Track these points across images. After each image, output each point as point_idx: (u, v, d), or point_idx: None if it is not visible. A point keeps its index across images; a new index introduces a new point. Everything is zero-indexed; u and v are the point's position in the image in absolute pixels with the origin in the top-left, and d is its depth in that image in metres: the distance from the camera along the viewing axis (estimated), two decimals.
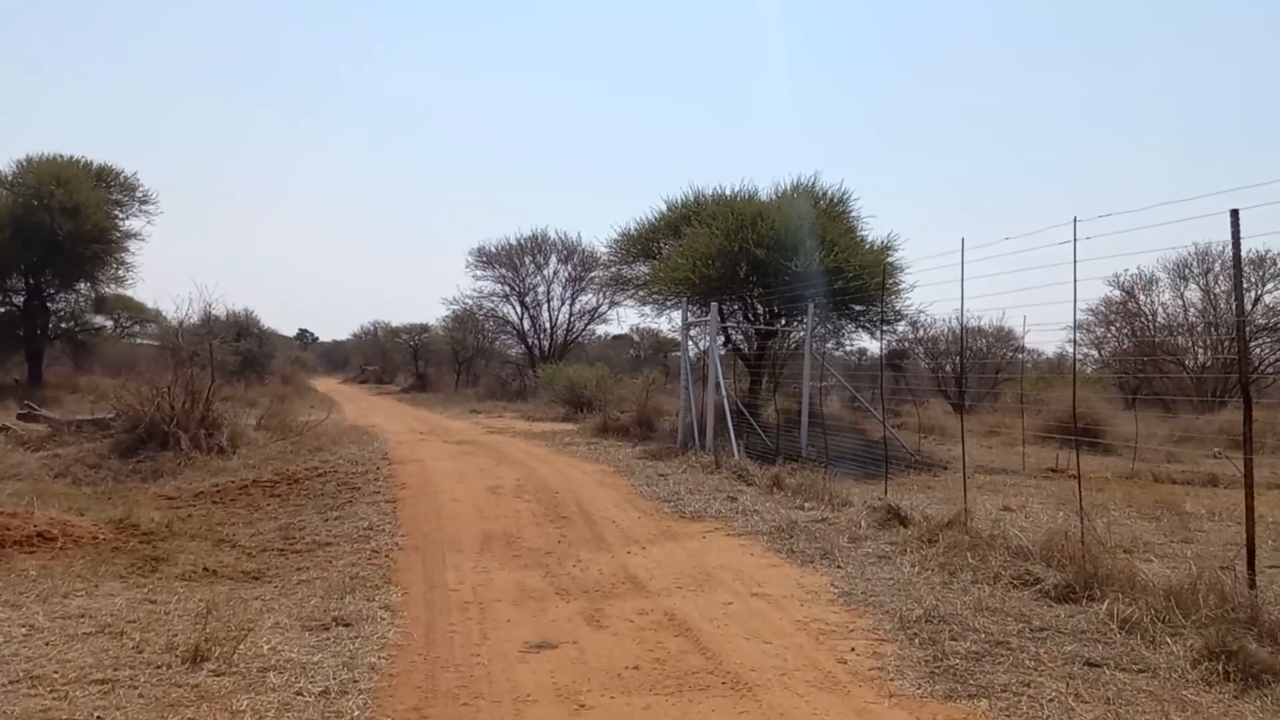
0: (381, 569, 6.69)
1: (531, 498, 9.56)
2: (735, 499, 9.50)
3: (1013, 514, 9.07)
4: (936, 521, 7.19)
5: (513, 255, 37.45)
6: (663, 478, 11.17)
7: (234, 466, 11.85)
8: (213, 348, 13.14)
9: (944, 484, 12.05)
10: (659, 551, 7.27)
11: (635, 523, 8.41)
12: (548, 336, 38.01)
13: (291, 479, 11.17)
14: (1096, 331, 33.01)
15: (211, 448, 12.32)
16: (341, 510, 9.06)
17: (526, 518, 8.57)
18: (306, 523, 8.52)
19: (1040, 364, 31.52)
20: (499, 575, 6.53)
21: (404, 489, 10.17)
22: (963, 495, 7.77)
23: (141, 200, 25.75)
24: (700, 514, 8.80)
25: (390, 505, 9.22)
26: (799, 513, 8.73)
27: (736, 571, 6.55)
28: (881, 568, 6.52)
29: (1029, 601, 5.42)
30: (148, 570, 6.54)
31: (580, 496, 9.66)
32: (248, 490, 10.54)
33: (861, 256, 14.93)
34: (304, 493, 10.21)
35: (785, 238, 14.55)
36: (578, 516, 8.63)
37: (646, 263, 18.48)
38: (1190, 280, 29.88)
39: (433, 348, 47.62)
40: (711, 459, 12.08)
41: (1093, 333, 33.07)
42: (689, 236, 15.59)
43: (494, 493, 9.85)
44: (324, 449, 13.41)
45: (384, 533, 7.99)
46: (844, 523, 7.96)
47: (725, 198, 16.72)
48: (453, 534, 7.94)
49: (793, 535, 7.67)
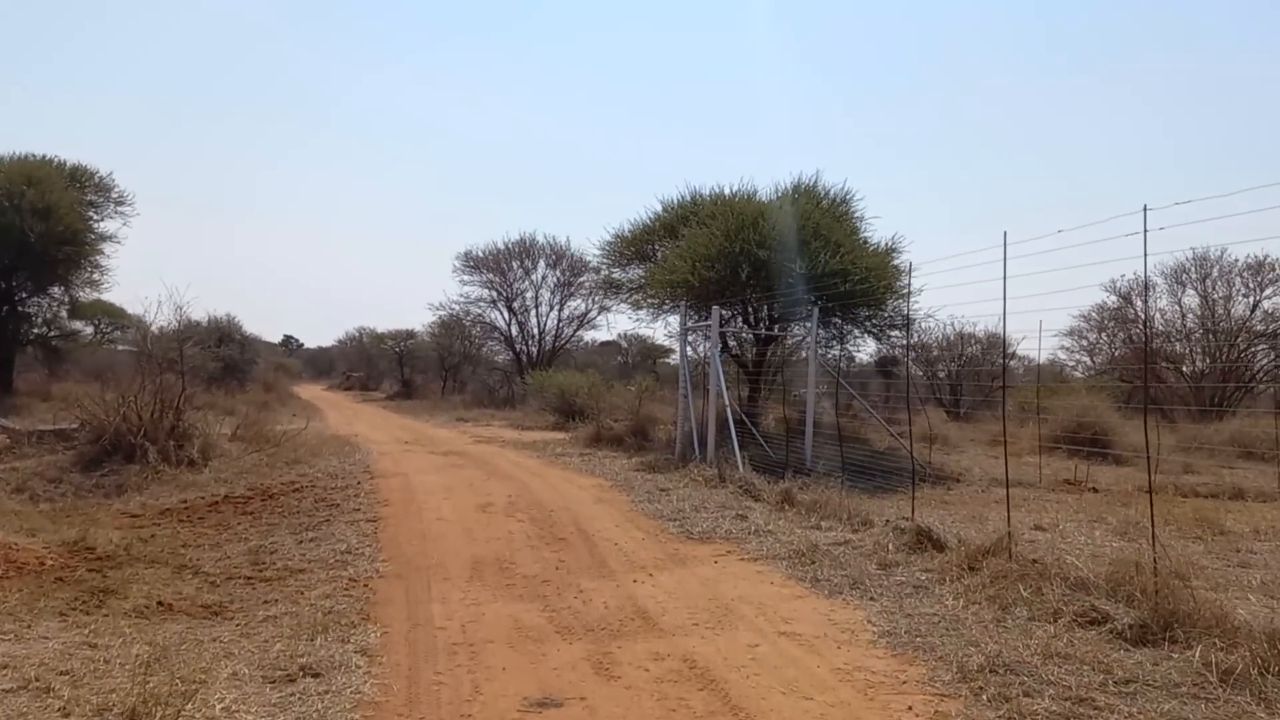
0: (359, 601, 5.95)
1: (525, 516, 8.83)
2: (745, 517, 8.79)
3: (1047, 535, 8.40)
4: (976, 546, 6.49)
5: (500, 260, 36.74)
6: (664, 493, 10.46)
7: (205, 481, 11.08)
8: (184, 353, 12.25)
9: (961, 498, 11.39)
10: (668, 580, 6.56)
11: (639, 545, 7.69)
12: (536, 342, 37.28)
13: (266, 494, 10.41)
14: (1089, 338, 32.60)
15: (181, 460, 11.54)
16: (318, 530, 8.31)
17: (520, 539, 7.83)
18: (279, 545, 7.77)
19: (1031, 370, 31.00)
20: (491, 609, 5.80)
21: (386, 506, 9.42)
22: (1006, 517, 7.07)
23: (117, 201, 24.87)
24: (709, 535, 8.09)
25: (371, 525, 8.47)
26: (816, 533, 8.03)
27: (758, 604, 5.84)
28: (921, 600, 5.82)
29: (1102, 645, 4.73)
30: (93, 605, 5.78)
31: (578, 514, 8.93)
32: (218, 507, 9.78)
33: (867, 259, 14.27)
34: (278, 510, 9.46)
35: (788, 238, 13.88)
36: (576, 538, 7.91)
37: (641, 265, 17.79)
38: (1188, 285, 29.53)
39: (419, 354, 46.89)
40: (715, 472, 11.38)
41: (1085, 339, 32.67)
42: (687, 237, 14.91)
43: (484, 511, 9.11)
44: (302, 461, 12.64)
45: (363, 557, 7.24)
46: (869, 546, 7.26)
47: (724, 197, 16.05)
48: (439, 558, 7.20)
49: (814, 560, 6.96)
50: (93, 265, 24.17)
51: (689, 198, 16.91)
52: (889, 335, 15.18)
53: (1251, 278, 27.75)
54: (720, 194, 16.60)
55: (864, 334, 15.23)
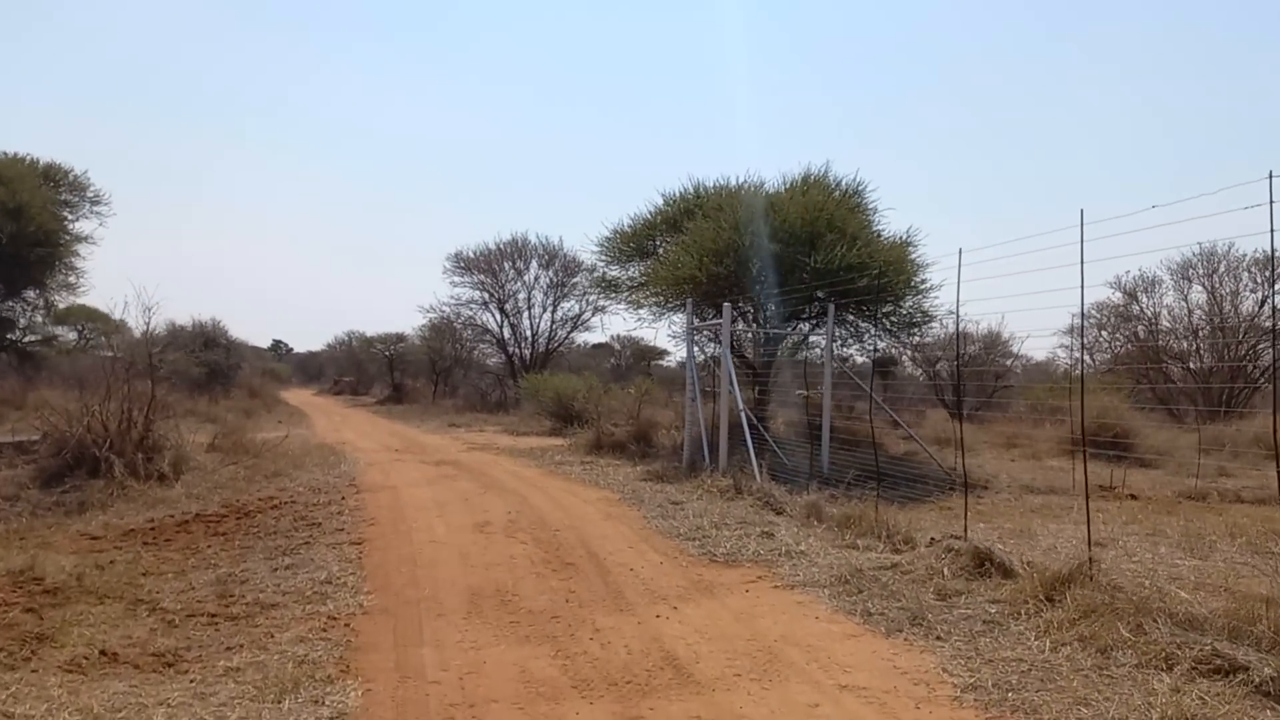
0: (338, 646, 5.07)
1: (527, 537, 7.94)
2: (771, 535, 7.93)
3: (1107, 551, 7.56)
4: (1052, 572, 5.63)
5: (492, 261, 35.85)
6: (677, 506, 9.59)
7: (175, 497, 10.17)
8: (155, 357, 11.34)
9: (995, 508, 10.54)
10: (697, 614, 5.69)
11: (658, 570, 6.81)
12: (529, 345, 36.39)
13: (241, 512, 9.52)
14: (1089, 336, 31.89)
15: (150, 474, 10.62)
16: (296, 555, 7.42)
17: (524, 565, 6.95)
18: (251, 573, 6.87)
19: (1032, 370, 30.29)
20: (494, 654, 4.93)
21: (373, 525, 8.53)
22: (1086, 537, 6.20)
23: (93, 200, 23.90)
24: (735, 557, 7.22)
25: (356, 548, 7.57)
26: (855, 554, 7.17)
27: (807, 647, 4.98)
28: (999, 641, 4.96)
29: (1242, 704, 3.88)
30: (21, 658, 4.88)
31: (586, 534, 8.05)
32: (188, 527, 8.88)
33: (884, 252, 13.44)
34: (254, 530, 8.56)
35: (801, 231, 13.04)
36: (586, 562, 7.03)
37: (641, 263, 16.91)
38: (1194, 281, 28.90)
39: (409, 358, 45.97)
40: (729, 482, 10.51)
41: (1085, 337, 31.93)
42: (693, 230, 14.04)
43: (482, 531, 8.21)
44: (283, 474, 11.72)
45: (345, 588, 6.35)
46: (921, 570, 6.40)
47: (730, 189, 15.19)
48: (432, 590, 6.31)
49: (860, 588, 6.11)
50: (68, 267, 23.16)
51: (692, 190, 16.05)
52: (909, 333, 14.33)
53: (1260, 272, 27.14)
54: (724, 186, 15.75)
55: (881, 332, 14.38)
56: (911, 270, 13.74)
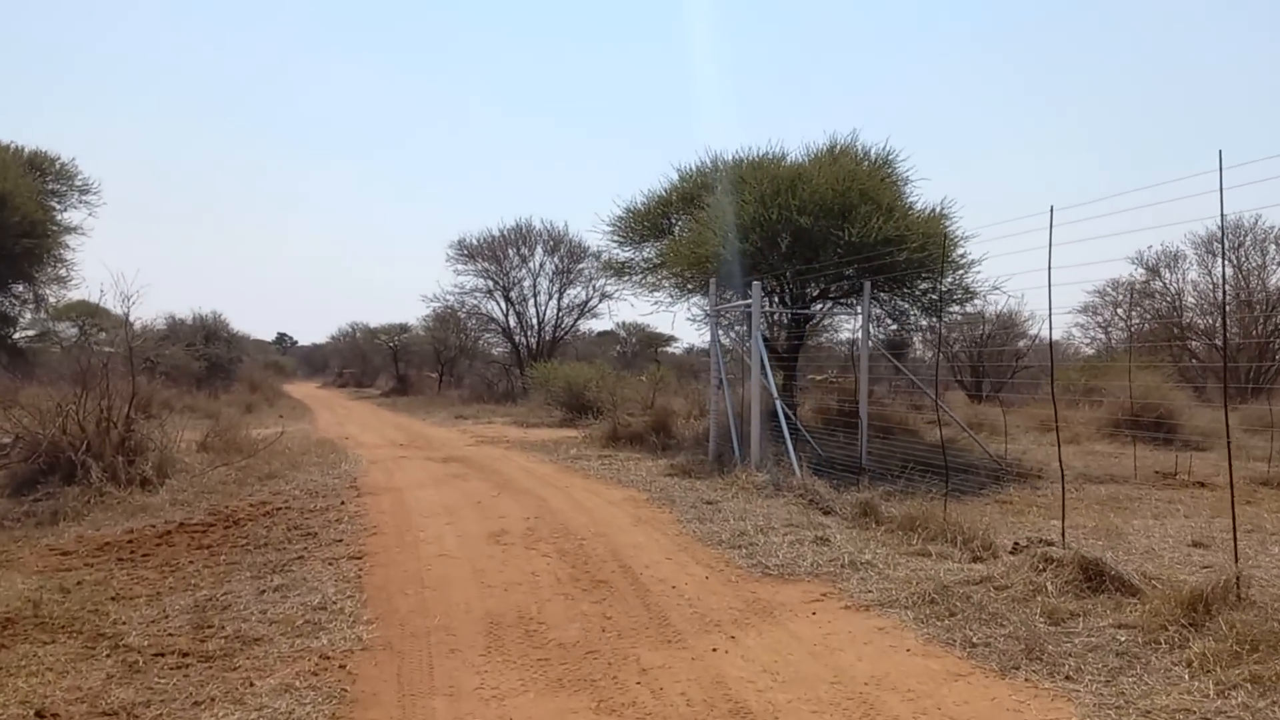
0: (331, 699, 4.14)
1: (550, 548, 6.98)
2: (826, 540, 6.98)
3: (1208, 553, 6.60)
4: (1190, 589, 4.67)
5: (495, 247, 34.89)
6: (712, 506, 8.65)
7: (159, 504, 9.24)
8: (133, 350, 10.42)
9: (1059, 501, 9.54)
10: (760, 646, 4.75)
11: (704, 588, 5.87)
12: (535, 333, 35.47)
13: (230, 520, 8.60)
14: (1104, 314, 30.94)
15: (132, 479, 9.69)
16: (287, 573, 6.48)
17: (548, 583, 6.00)
18: (234, 596, 5.94)
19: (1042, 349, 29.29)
20: (522, 707, 3.99)
21: (375, 535, 7.59)
22: (1232, 545, 5.21)
23: (81, 190, 22.92)
24: (791, 569, 6.26)
25: (355, 564, 6.63)
26: (929, 564, 6.23)
27: (907, 693, 4.03)
28: (1145, 681, 4.01)
29: None
30: None
31: (616, 543, 7.09)
32: (170, 539, 7.95)
33: (922, 224, 12.45)
34: (242, 542, 7.63)
35: (833, 202, 12.04)
36: (620, 579, 6.08)
37: (657, 243, 15.92)
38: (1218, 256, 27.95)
39: (413, 348, 45.19)
40: (767, 478, 9.57)
41: (1100, 315, 31.02)
42: (713, 206, 13.05)
43: (498, 541, 7.25)
44: (278, 475, 10.79)
45: (342, 616, 5.42)
46: (1018, 586, 5.43)
47: (753, 159, 14.17)
48: (443, 617, 5.38)
49: (952, 609, 5.15)
50: (57, 260, 22.22)
51: (710, 163, 15.06)
52: (949, 311, 13.33)
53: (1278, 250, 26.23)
54: (744, 158, 14.73)
55: (918, 310, 13.37)
56: (949, 244, 12.73)
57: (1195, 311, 28.76)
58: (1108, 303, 30.71)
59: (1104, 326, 31.42)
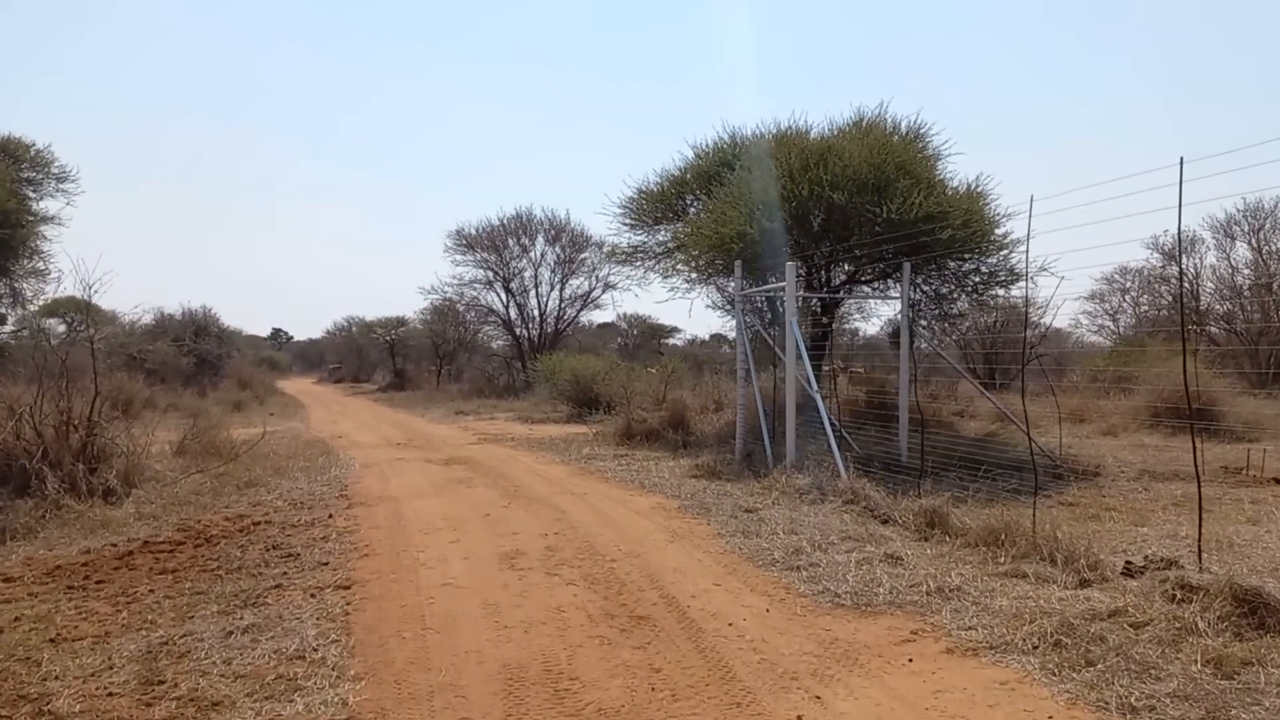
0: None
1: (576, 573, 5.89)
2: (898, 559, 5.93)
3: None
4: None
5: (495, 237, 33.83)
6: (752, 515, 7.60)
7: (123, 518, 8.18)
8: (95, 347, 9.34)
9: (1130, 503, 8.50)
10: (856, 711, 3.69)
11: (768, 624, 4.81)
12: (536, 325, 34.43)
13: (202, 537, 7.55)
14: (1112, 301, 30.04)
15: (94, 490, 8.63)
16: (261, 607, 5.43)
17: (577, 622, 4.93)
18: (196, 640, 4.88)
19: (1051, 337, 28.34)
20: None
21: (367, 557, 6.52)
22: None
23: (59, 178, 21.75)
24: (866, 598, 5.20)
25: (342, 596, 5.56)
26: (1028, 588, 5.18)
27: None
28: None
29: None
30: None
31: (652, 566, 6.01)
32: (130, 560, 6.91)
33: (961, 202, 11.39)
34: (213, 564, 6.58)
35: (868, 177, 10.97)
36: (664, 615, 5.01)
37: (670, 226, 14.85)
38: (1237, 239, 27.11)
39: (411, 342, 44.16)
40: (809, 480, 8.52)
41: (1107, 302, 30.12)
42: (737, 182, 11.96)
43: (512, 565, 6.16)
44: (260, 483, 9.72)
45: (323, 669, 4.36)
46: (1159, 623, 4.36)
47: (778, 132, 13.07)
48: (449, 671, 4.31)
49: (1086, 655, 4.09)
50: (33, 251, 21.08)
51: (729, 139, 13.95)
52: (993, 294, 12.26)
53: None
54: (765, 133, 13.64)
55: (961, 293, 12.30)
56: (988, 224, 11.66)
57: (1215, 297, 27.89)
58: (1115, 289, 29.81)
59: (1112, 314, 30.52)
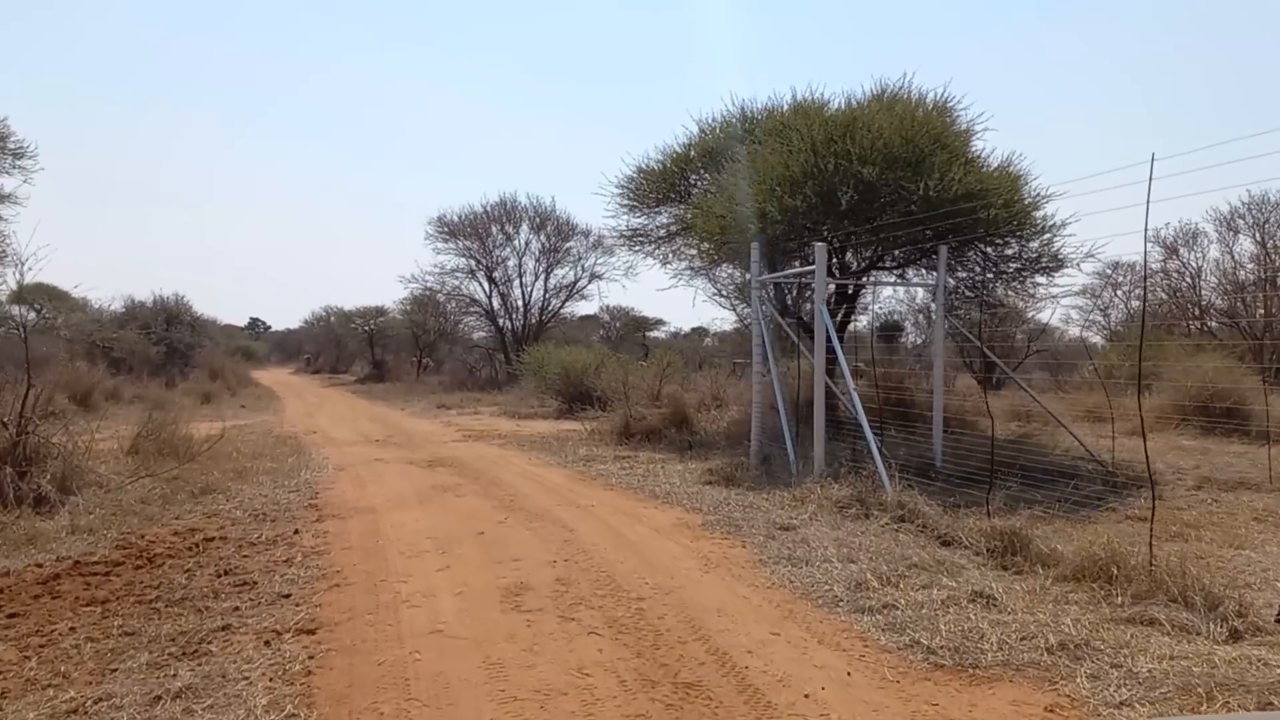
0: None
1: (597, 615, 4.72)
2: (988, 599, 4.81)
3: None
4: None
5: (478, 224, 32.63)
6: (791, 534, 6.51)
7: (54, 531, 7.00)
8: (27, 333, 8.12)
9: (1211, 519, 7.47)
10: None
11: (855, 698, 3.70)
12: (520, 316, 33.25)
13: (144, 556, 6.40)
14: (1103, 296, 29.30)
15: (23, 498, 7.44)
16: (201, 660, 4.27)
17: (607, 691, 3.79)
18: (111, 710, 3.75)
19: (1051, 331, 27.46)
20: None
21: (337, 589, 5.36)
22: None
23: (15, 154, 20.25)
24: (970, 654, 4.09)
25: (304, 646, 4.40)
26: (1169, 642, 4.11)
27: None
28: None
29: None
30: None
31: (690, 607, 4.85)
32: (55, 587, 5.75)
33: (1005, 180, 10.35)
34: (152, 594, 5.42)
35: (901, 150, 9.90)
36: (719, 680, 3.88)
37: (674, 207, 13.73)
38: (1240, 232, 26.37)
39: (390, 333, 42.84)
40: (849, 491, 7.44)
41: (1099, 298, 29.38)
42: (753, 155, 10.85)
43: (517, 604, 4.95)
44: (218, 488, 8.52)
45: None
46: None
47: (796, 103, 11.94)
48: None
49: None
50: None
51: (738, 113, 12.83)
52: (1033, 281, 11.20)
53: None
54: (778, 106, 12.53)
55: (999, 279, 11.22)
56: (1029, 204, 10.62)
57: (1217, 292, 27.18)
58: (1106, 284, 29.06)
59: (1104, 309, 29.79)
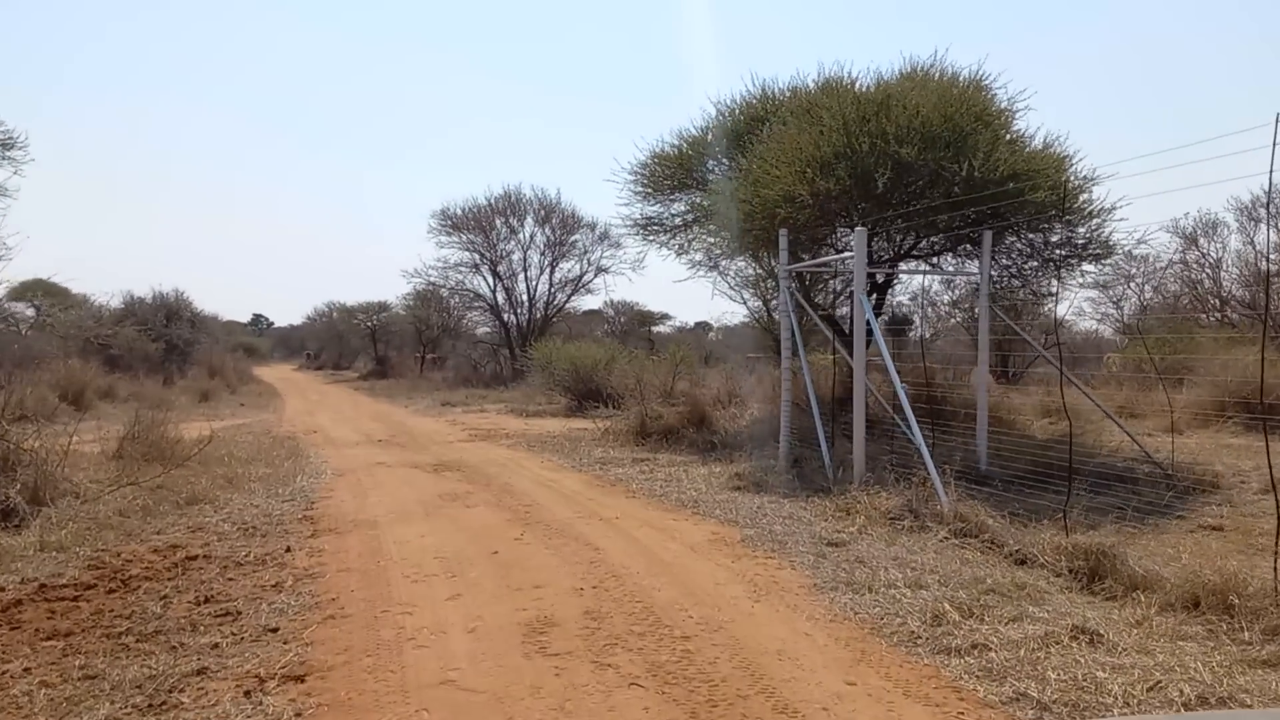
0: None
1: (636, 661, 3.97)
2: (1092, 635, 4.11)
3: None
4: None
5: (482, 218, 31.97)
6: (841, 551, 5.80)
7: (21, 548, 6.31)
8: None
9: None
10: None
11: None
12: (525, 311, 32.57)
13: (117, 579, 5.71)
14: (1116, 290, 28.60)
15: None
16: (166, 712, 3.58)
17: None
18: None
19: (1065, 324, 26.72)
20: None
21: (331, 621, 4.65)
22: None
23: (4, 144, 19.62)
24: (1095, 715, 3.41)
25: (290, 700, 3.68)
26: None
27: None
28: None
29: None
30: None
31: (745, 647, 4.12)
32: (14, 616, 5.07)
33: (1052, 161, 9.64)
34: (121, 625, 4.72)
35: (941, 129, 9.18)
36: None
37: (689, 195, 13.01)
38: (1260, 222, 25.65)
39: (393, 328, 42.29)
40: (900, 501, 6.73)
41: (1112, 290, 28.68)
42: (779, 136, 10.11)
43: (541, 645, 4.18)
44: (206, 497, 7.82)
45: None
46: None
47: (823, 81, 11.19)
48: None
49: None
50: None
51: (758, 93, 12.09)
52: (1081, 270, 10.48)
53: None
54: (802, 85, 11.79)
55: (1045, 267, 10.48)
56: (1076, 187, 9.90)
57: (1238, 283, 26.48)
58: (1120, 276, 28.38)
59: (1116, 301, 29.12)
